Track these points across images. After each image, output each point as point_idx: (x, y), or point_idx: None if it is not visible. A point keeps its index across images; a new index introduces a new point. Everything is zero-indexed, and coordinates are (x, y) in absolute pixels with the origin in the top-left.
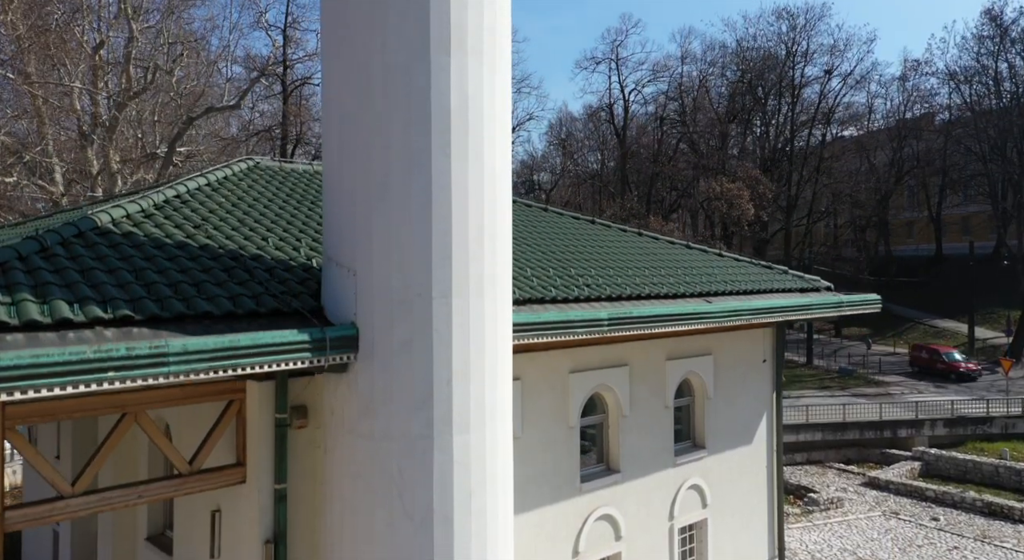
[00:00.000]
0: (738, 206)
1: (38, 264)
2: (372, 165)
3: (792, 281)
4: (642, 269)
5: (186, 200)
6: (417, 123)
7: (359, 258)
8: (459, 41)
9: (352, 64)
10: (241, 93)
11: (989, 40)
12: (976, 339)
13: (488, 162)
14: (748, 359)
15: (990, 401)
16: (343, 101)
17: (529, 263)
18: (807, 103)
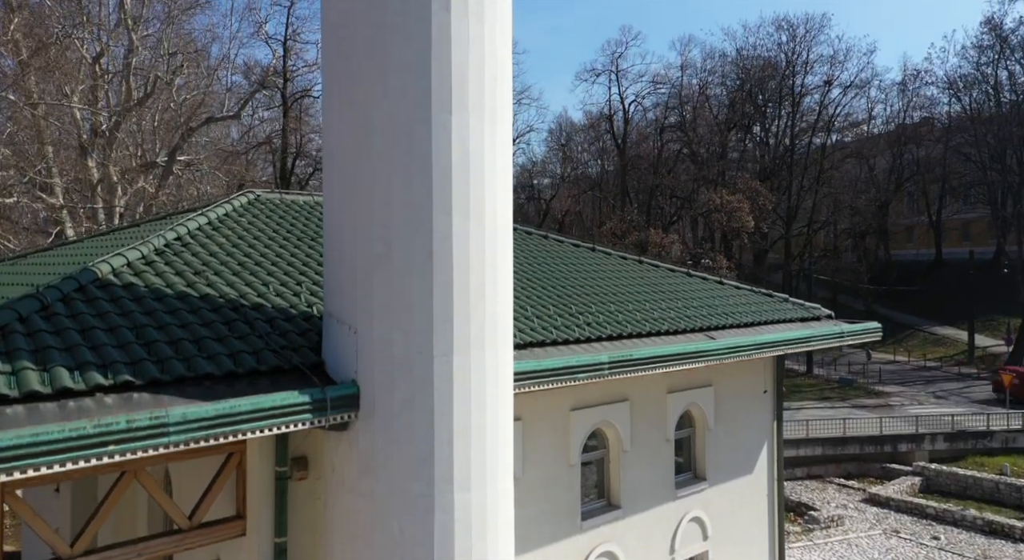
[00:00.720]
0: (738, 218)
1: (39, 326)
2: (373, 224)
3: (793, 310)
4: (643, 303)
5: (187, 243)
6: (418, 182)
7: (360, 316)
8: (460, 99)
9: (353, 122)
10: (241, 103)
11: (989, 49)
12: (976, 347)
13: (489, 217)
14: (749, 389)
15: (990, 416)
16: (344, 158)
17: (530, 300)
18: (807, 112)
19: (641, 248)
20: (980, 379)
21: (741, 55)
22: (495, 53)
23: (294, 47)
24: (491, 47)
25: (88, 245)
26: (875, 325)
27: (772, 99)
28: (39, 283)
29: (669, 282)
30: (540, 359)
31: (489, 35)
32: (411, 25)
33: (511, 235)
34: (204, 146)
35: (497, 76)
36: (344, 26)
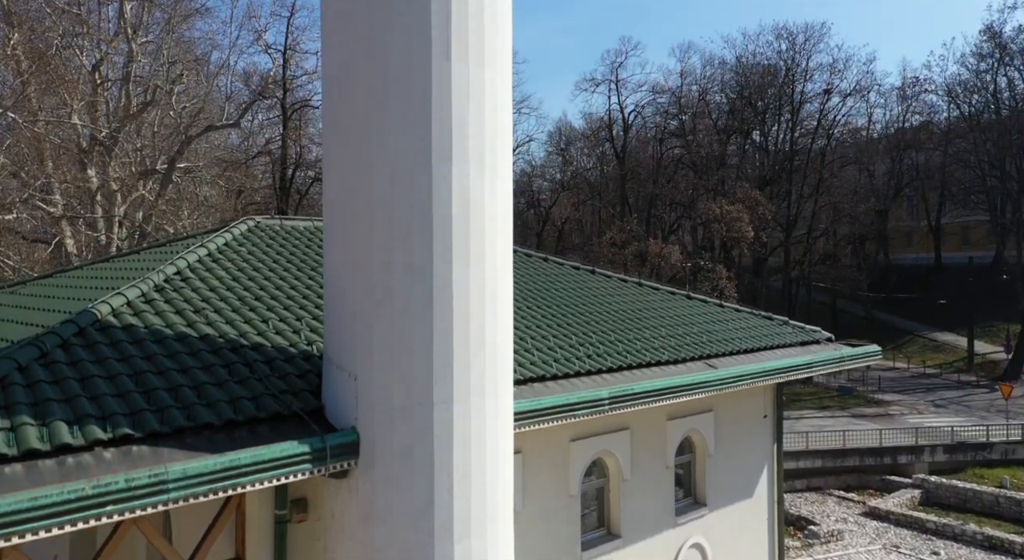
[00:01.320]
0: (737, 229)
1: (38, 375)
2: (373, 273)
3: (793, 334)
4: (643, 329)
5: (187, 277)
6: (419, 230)
7: (360, 364)
8: (461, 147)
9: (354, 170)
10: (241, 111)
11: (988, 57)
12: (975, 354)
13: (489, 265)
14: (749, 414)
15: (990, 427)
16: (344, 205)
17: (530, 329)
18: (806, 120)
19: (641, 258)
20: (979, 387)
21: (741, 63)
22: (495, 100)
23: (293, 57)
24: (491, 94)
25: (89, 274)
26: (875, 349)
27: (772, 106)
28: (39, 321)
29: (669, 306)
30: (540, 395)
31: (490, 82)
32: (412, 74)
33: (511, 281)
34: (204, 154)
35: (497, 123)
36: (344, 76)
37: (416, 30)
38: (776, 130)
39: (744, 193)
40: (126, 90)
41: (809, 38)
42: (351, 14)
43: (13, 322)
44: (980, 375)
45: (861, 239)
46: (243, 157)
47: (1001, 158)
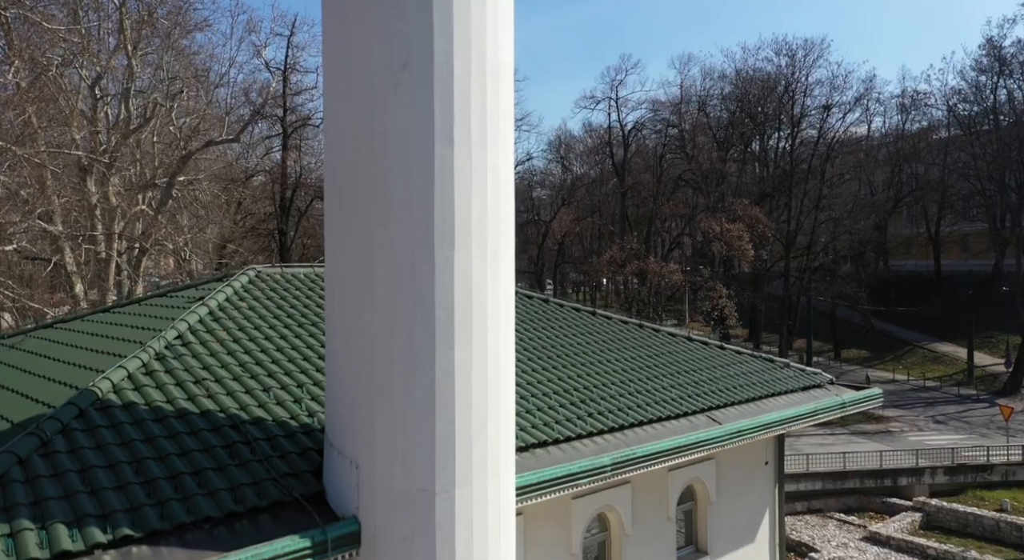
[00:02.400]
0: (738, 247)
1: (38, 470)
2: (374, 360)
3: (794, 379)
4: (645, 379)
5: (188, 342)
6: (421, 318)
7: (362, 452)
8: (463, 234)
9: (356, 257)
10: (241, 127)
11: (988, 71)
12: (975, 366)
13: (492, 350)
14: (751, 461)
15: (991, 448)
16: (346, 292)
17: (531, 385)
18: (806, 139)
19: (641, 276)
20: (979, 401)
21: (740, 76)
22: (498, 182)
23: (293, 75)
24: (494, 176)
25: (91, 328)
26: (876, 393)
27: (771, 118)
28: (39, 391)
29: (670, 349)
30: (542, 462)
31: (492, 165)
32: (414, 160)
33: (514, 366)
34: (204, 167)
35: (500, 205)
36: (346, 161)
37: (419, 115)
38: (776, 143)
39: (744, 210)
40: (126, 105)
41: (809, 53)
42: (353, 100)
43: (14, 392)
44: (980, 389)
45: (860, 252)
46: (243, 175)
47: (1001, 171)
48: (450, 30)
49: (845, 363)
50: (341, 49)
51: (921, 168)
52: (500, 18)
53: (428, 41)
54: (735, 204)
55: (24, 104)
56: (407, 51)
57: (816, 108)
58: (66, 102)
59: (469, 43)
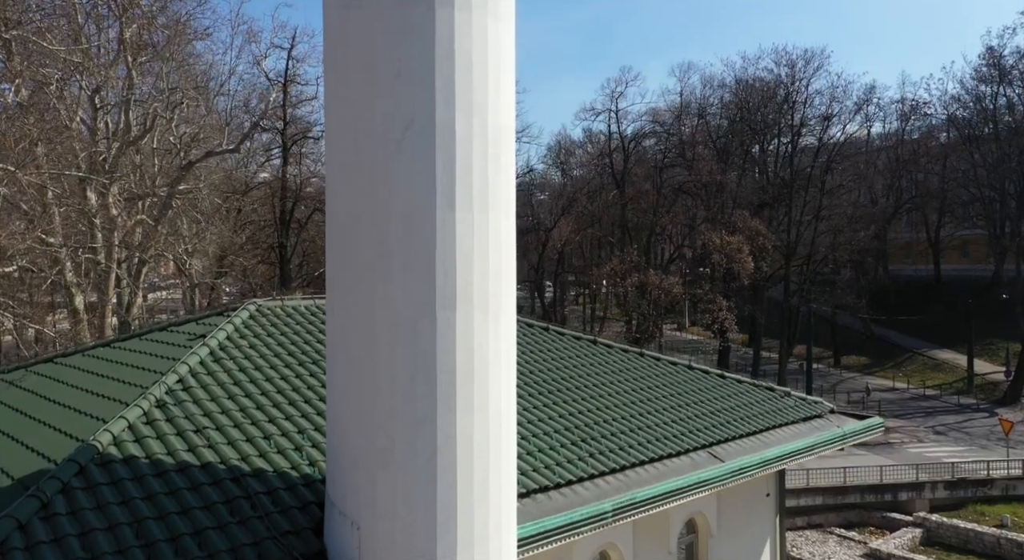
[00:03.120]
0: (738, 260)
1: (38, 535)
2: (376, 421)
3: (795, 409)
4: (646, 413)
5: (188, 386)
6: (422, 378)
7: (363, 514)
8: (465, 295)
9: (358, 317)
10: (241, 137)
11: (989, 81)
12: (975, 374)
13: (494, 411)
14: (752, 492)
15: (991, 463)
16: (348, 352)
17: (532, 424)
18: (806, 143)
19: (641, 290)
20: (979, 411)
21: (740, 85)
22: (499, 243)
23: (293, 88)
24: (495, 238)
25: (91, 365)
26: (877, 423)
27: (771, 126)
28: (38, 441)
29: (670, 380)
30: (543, 508)
31: (494, 227)
32: (416, 223)
33: (515, 426)
34: (204, 176)
35: (501, 266)
36: (348, 223)
37: (421, 178)
38: (775, 149)
39: (744, 222)
40: (126, 115)
41: (809, 62)
42: (356, 161)
43: (15, 440)
44: (980, 398)
45: (860, 261)
46: (243, 186)
47: (1001, 180)
48: (452, 95)
49: (845, 370)
50: (344, 111)
51: (921, 175)
52: (501, 82)
53: (430, 106)
54: (735, 216)
55: (25, 117)
56: (409, 115)
57: (816, 117)
58: (66, 112)
59: (471, 107)
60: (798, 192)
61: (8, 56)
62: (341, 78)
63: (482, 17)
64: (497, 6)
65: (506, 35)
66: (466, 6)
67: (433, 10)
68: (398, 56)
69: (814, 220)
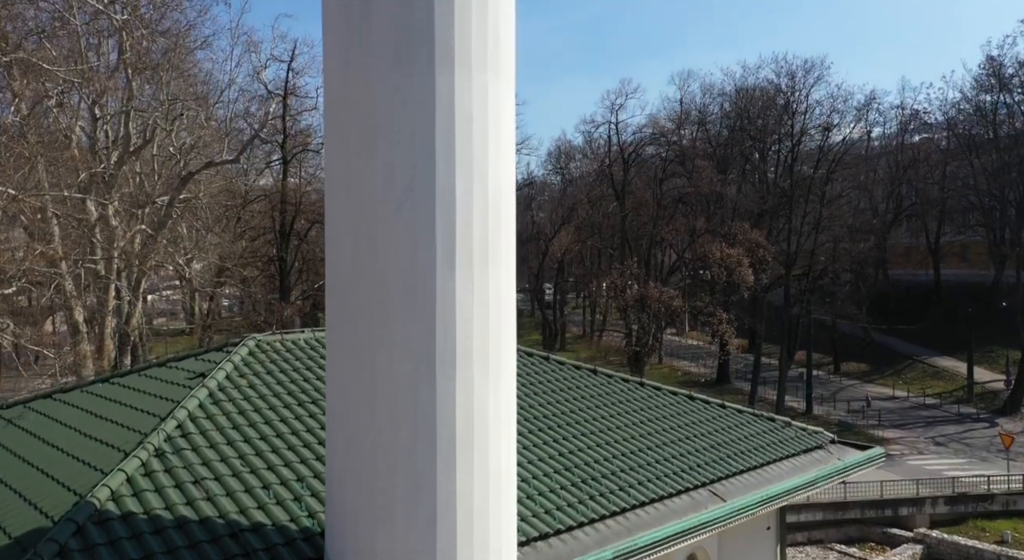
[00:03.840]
0: (738, 273)
1: None
2: (376, 483)
3: (795, 440)
4: (646, 451)
5: (187, 432)
6: (422, 440)
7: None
8: (465, 357)
9: (358, 380)
10: (241, 147)
11: (989, 90)
12: (975, 382)
13: (494, 472)
14: (753, 526)
15: (991, 478)
16: (347, 413)
17: (531, 463)
18: (806, 157)
19: (641, 303)
20: (979, 420)
21: (739, 94)
22: (499, 303)
23: (292, 100)
24: (496, 298)
25: (88, 403)
26: (878, 453)
27: (771, 132)
28: (34, 491)
29: (670, 411)
30: (543, 556)
31: (494, 288)
32: (416, 285)
33: (515, 487)
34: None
35: (502, 325)
36: (348, 285)
37: (421, 239)
38: (775, 156)
39: (744, 234)
40: (125, 125)
41: (809, 72)
42: (356, 222)
43: (12, 489)
44: (980, 407)
45: (861, 267)
46: (242, 199)
47: (1001, 189)
48: (452, 156)
49: (845, 377)
50: (345, 170)
51: (920, 183)
52: (502, 141)
53: (431, 167)
54: (735, 228)
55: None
56: (410, 177)
57: (816, 127)
58: (66, 123)
59: (471, 167)
60: (798, 201)
61: (8, 76)
62: (342, 138)
63: (482, 78)
64: (497, 66)
65: (506, 94)
66: (466, 67)
67: (433, 72)
68: (399, 118)
69: (814, 231)
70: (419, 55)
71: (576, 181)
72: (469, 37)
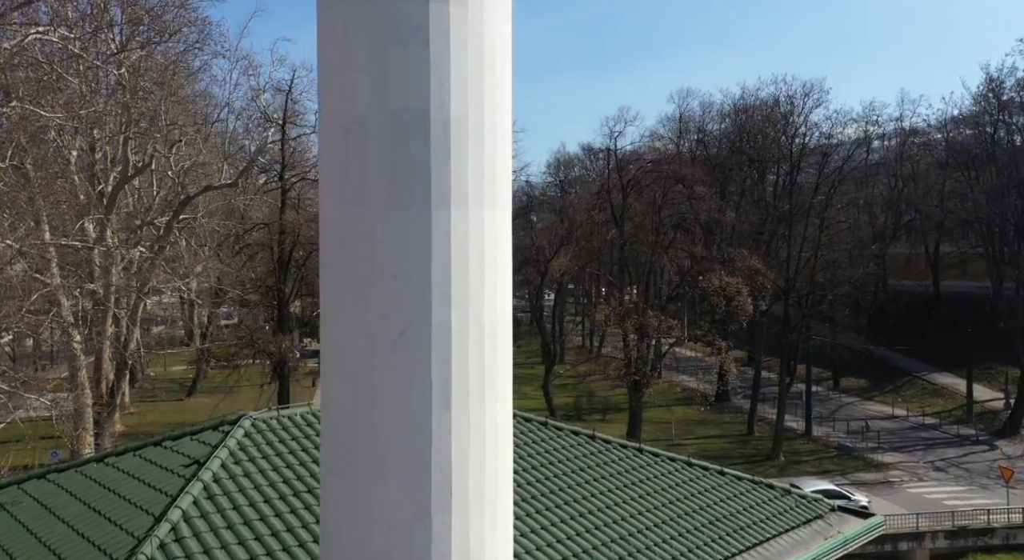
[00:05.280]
0: (737, 302)
1: None
2: None
3: (795, 511)
4: (647, 530)
5: (181, 536)
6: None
7: None
8: (460, 499)
9: (352, 520)
10: (240, 171)
11: (988, 112)
12: (975, 401)
13: None
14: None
15: (991, 511)
16: (343, 553)
17: (530, 555)
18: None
19: (640, 332)
20: (979, 443)
21: (738, 114)
22: (496, 439)
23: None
24: (492, 434)
25: (82, 487)
26: (878, 522)
27: (770, 150)
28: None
29: (669, 479)
30: None
31: (491, 422)
32: (411, 425)
33: None
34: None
35: (499, 464)
36: (343, 422)
37: (416, 379)
38: (776, 175)
39: (743, 260)
40: (124, 151)
41: (808, 94)
42: (351, 360)
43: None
44: (979, 428)
45: (860, 290)
46: (240, 226)
47: (1002, 213)
48: (448, 294)
49: (844, 394)
50: (341, 309)
51: (919, 200)
52: (499, 275)
53: (427, 306)
54: (734, 254)
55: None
56: (407, 318)
57: (815, 150)
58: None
59: (467, 304)
60: (797, 224)
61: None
62: (337, 279)
63: (479, 212)
64: (495, 199)
65: (503, 224)
66: (463, 204)
67: (430, 210)
68: (395, 257)
69: (813, 257)
70: (415, 195)
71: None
72: (466, 177)
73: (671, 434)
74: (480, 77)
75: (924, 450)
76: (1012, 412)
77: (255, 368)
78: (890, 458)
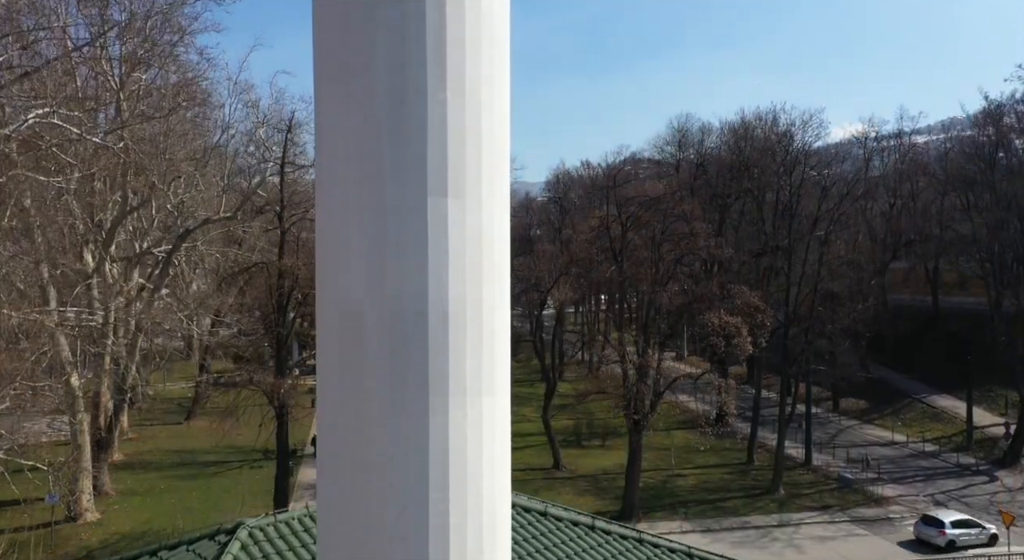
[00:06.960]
0: (736, 342)
1: None
2: None
3: None
4: None
5: None
6: None
7: None
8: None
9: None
10: (239, 204)
11: (987, 138)
12: (975, 427)
13: None
14: None
15: (991, 557)
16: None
17: None
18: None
19: (641, 372)
20: (979, 473)
21: (738, 143)
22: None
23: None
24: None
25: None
26: None
27: (768, 174)
28: None
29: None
30: None
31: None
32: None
33: None
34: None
35: (496, 462)
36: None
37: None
38: (774, 203)
39: (743, 298)
40: (124, 187)
41: (807, 124)
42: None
43: None
44: (979, 457)
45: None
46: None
47: (1001, 246)
48: (446, 483)
49: (844, 417)
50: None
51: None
52: (496, 462)
53: (424, 494)
54: (734, 291)
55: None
56: (402, 505)
57: (812, 183)
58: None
59: (465, 487)
60: (796, 253)
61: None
62: (334, 466)
63: (477, 400)
64: (492, 390)
65: (502, 409)
66: (461, 394)
67: (427, 400)
68: (392, 450)
69: (813, 292)
70: (412, 385)
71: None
72: (464, 372)
73: (671, 463)
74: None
75: (924, 481)
76: (1012, 441)
77: (255, 390)
78: (890, 490)
